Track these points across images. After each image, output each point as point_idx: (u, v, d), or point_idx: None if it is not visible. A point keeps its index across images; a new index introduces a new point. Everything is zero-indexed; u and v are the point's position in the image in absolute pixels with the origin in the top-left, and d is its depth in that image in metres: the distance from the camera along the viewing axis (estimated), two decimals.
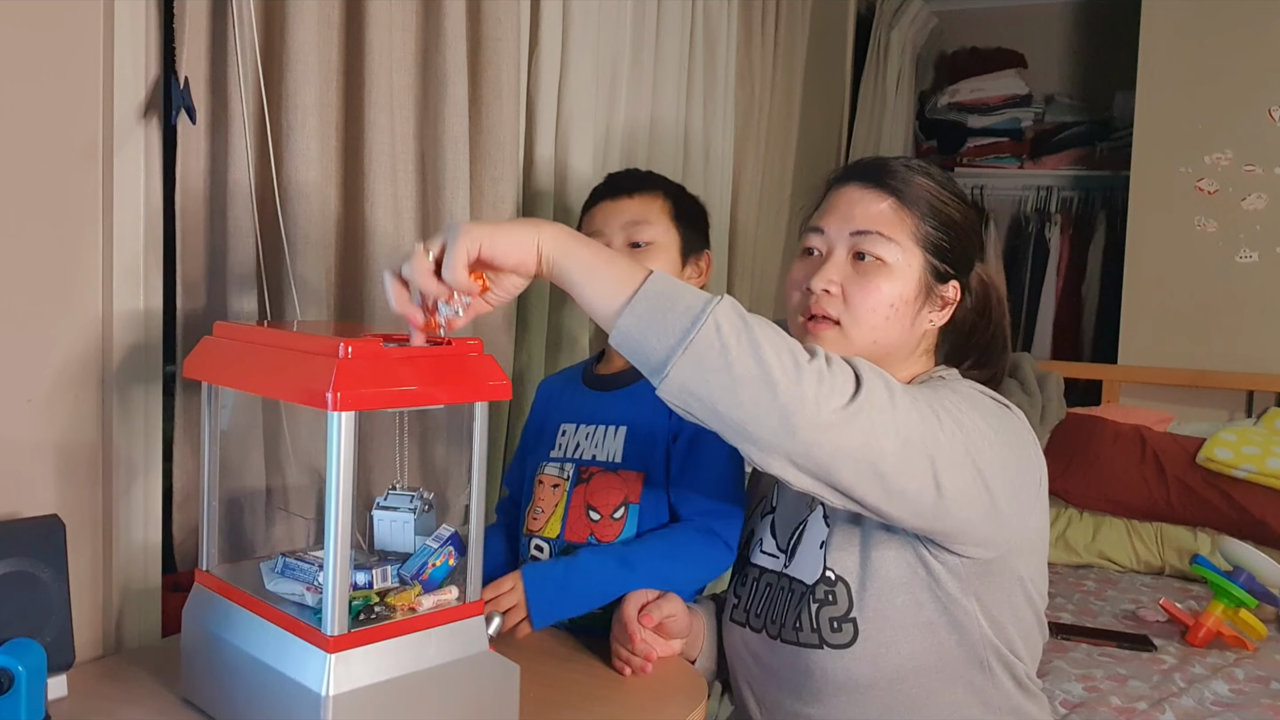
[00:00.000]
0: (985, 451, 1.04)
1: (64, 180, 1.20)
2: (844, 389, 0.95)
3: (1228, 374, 3.15)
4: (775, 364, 0.92)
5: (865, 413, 0.95)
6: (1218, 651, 2.16)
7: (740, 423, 0.94)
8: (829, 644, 1.14)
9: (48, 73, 1.17)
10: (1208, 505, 2.71)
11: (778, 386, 0.92)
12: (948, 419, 1.02)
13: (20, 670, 0.97)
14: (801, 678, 1.17)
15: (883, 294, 1.16)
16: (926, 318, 1.20)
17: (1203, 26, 3.18)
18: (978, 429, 1.05)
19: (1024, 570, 1.15)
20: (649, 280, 0.96)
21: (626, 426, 1.40)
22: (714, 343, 0.92)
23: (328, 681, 0.92)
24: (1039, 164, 3.85)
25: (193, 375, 1.10)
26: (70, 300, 1.21)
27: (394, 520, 1.11)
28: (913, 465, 0.98)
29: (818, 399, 0.93)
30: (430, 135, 1.59)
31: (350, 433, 0.92)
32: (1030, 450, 1.13)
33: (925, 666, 1.13)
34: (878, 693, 1.14)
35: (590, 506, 1.38)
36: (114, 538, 1.26)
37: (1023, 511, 1.11)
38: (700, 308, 0.94)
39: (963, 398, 1.09)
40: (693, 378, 0.93)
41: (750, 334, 0.93)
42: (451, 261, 0.94)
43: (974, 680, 1.14)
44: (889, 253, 1.16)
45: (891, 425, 0.96)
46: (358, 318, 1.50)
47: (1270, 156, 3.11)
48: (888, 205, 1.18)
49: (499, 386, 1.03)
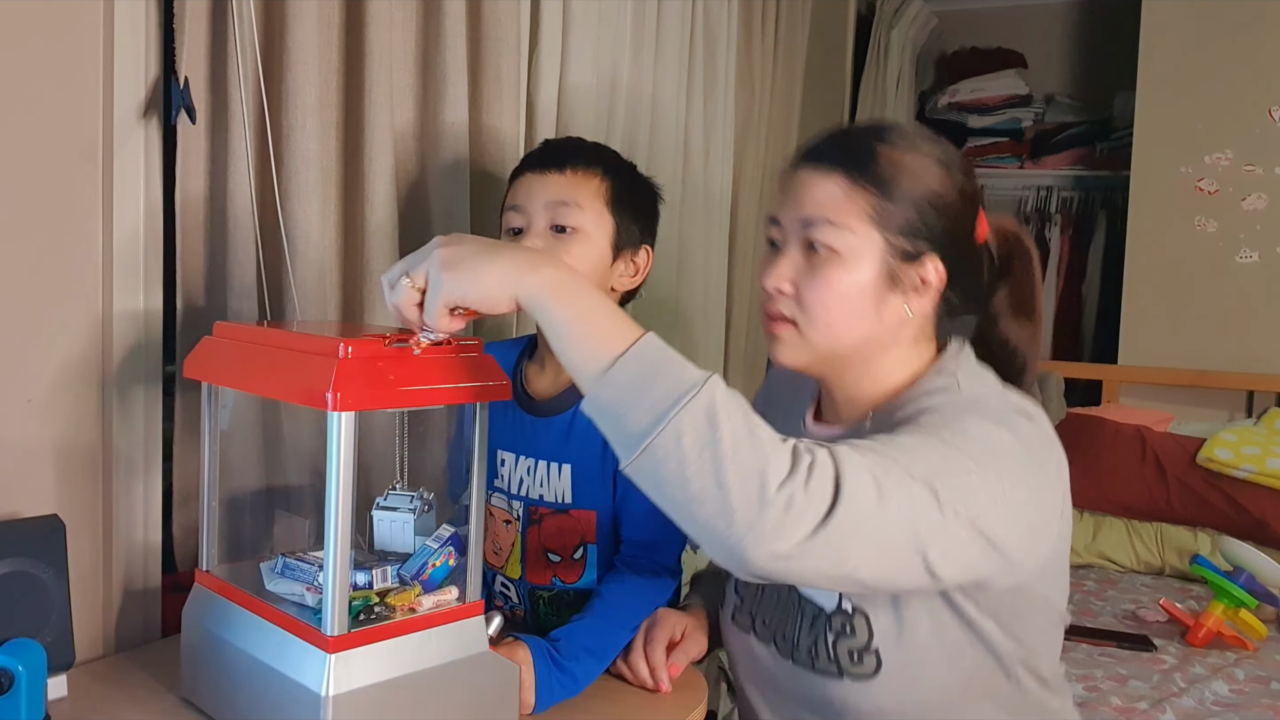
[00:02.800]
0: (996, 512, 0.93)
1: (64, 180, 1.20)
2: (817, 508, 0.83)
3: (1228, 374, 3.15)
4: (736, 488, 0.81)
5: (838, 534, 0.83)
6: (1218, 652, 2.16)
7: (695, 536, 0.85)
8: (850, 674, 1.06)
9: (48, 73, 1.17)
10: (1208, 505, 2.71)
11: (734, 515, 0.81)
12: (950, 495, 0.89)
13: (20, 670, 0.97)
14: (821, 703, 1.10)
15: (835, 288, 1.03)
16: (898, 307, 1.05)
17: (1203, 26, 3.17)
18: (988, 490, 0.92)
19: (1045, 586, 1.07)
20: (620, 362, 0.85)
21: (570, 465, 1.31)
22: (672, 454, 0.82)
23: (328, 682, 0.92)
24: (1039, 164, 3.85)
25: (193, 375, 1.10)
26: (70, 300, 1.21)
27: (394, 520, 1.11)
28: (897, 567, 0.89)
29: (779, 530, 0.81)
30: (430, 135, 1.59)
31: (350, 433, 0.92)
32: (1050, 470, 1.01)
33: (952, 689, 1.06)
34: (904, 717, 1.07)
35: (547, 549, 1.32)
36: (114, 538, 1.26)
37: (1042, 543, 1.01)
38: (666, 407, 0.82)
39: (972, 442, 0.94)
40: (649, 483, 0.85)
41: (716, 448, 0.81)
42: (432, 311, 0.92)
43: (1000, 691, 1.08)
44: (840, 241, 1.03)
45: (872, 536, 0.85)
46: (358, 318, 1.50)
47: (1270, 156, 3.11)
48: (837, 186, 1.04)
49: (499, 386, 1.03)
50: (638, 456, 0.83)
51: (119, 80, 1.22)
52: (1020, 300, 1.15)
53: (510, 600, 1.38)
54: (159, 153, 1.28)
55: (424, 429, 1.50)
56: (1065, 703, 1.17)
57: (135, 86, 1.24)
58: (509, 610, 1.39)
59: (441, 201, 1.60)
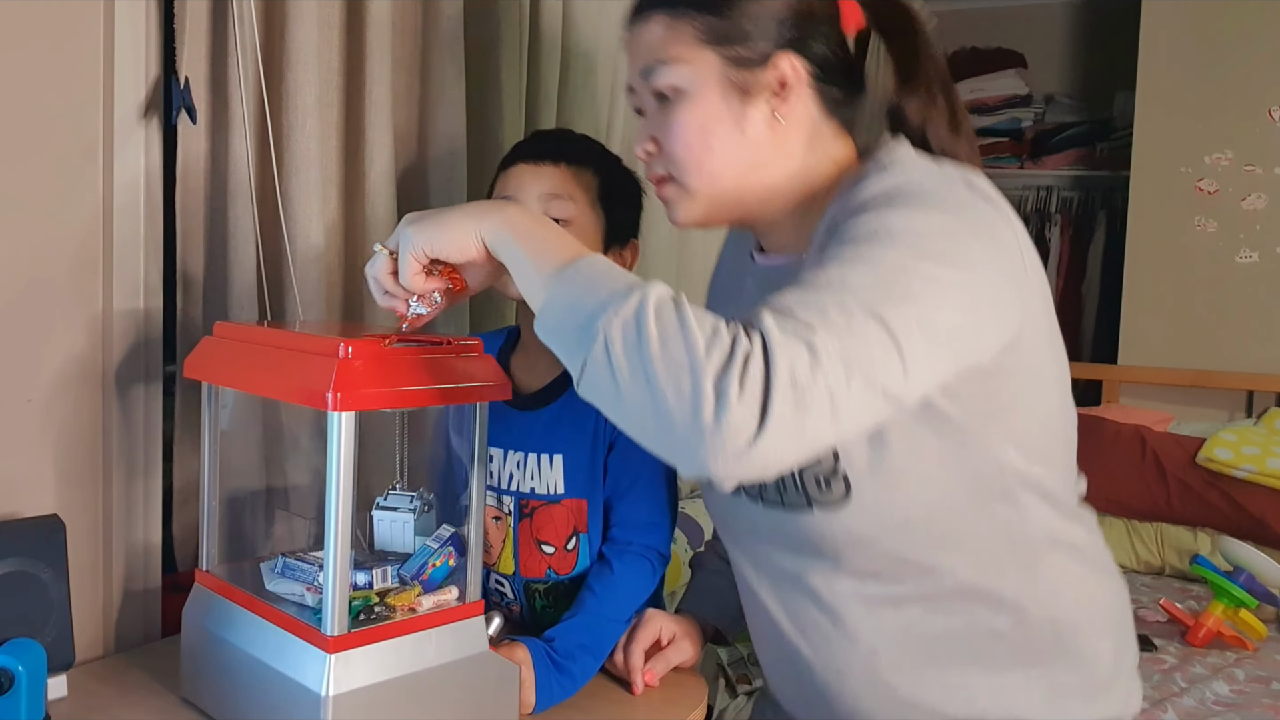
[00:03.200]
0: (950, 304, 0.84)
1: (64, 180, 1.20)
2: (755, 393, 0.74)
3: (1228, 374, 3.15)
4: (669, 389, 0.75)
5: (784, 419, 0.75)
6: (1218, 652, 2.16)
7: (654, 450, 0.80)
8: (819, 504, 0.97)
9: (49, 73, 1.17)
10: (1208, 505, 2.71)
11: (673, 420, 0.75)
12: (896, 312, 0.80)
13: (20, 670, 0.97)
14: (797, 541, 1.02)
15: (686, 126, 0.97)
16: (765, 117, 0.97)
17: (1203, 26, 3.17)
18: (936, 282, 0.83)
19: (1032, 357, 0.95)
20: (558, 288, 0.83)
21: (562, 455, 1.31)
22: (604, 367, 0.78)
23: (328, 682, 0.92)
24: (1039, 164, 3.84)
25: (193, 375, 1.10)
26: (70, 300, 1.21)
27: (394, 520, 1.11)
28: (862, 413, 0.80)
29: (723, 425, 0.74)
30: (430, 136, 1.59)
31: (350, 433, 0.92)
32: (1002, 243, 0.90)
33: (936, 511, 0.96)
34: (885, 544, 0.98)
35: (540, 542, 1.32)
36: (114, 538, 1.26)
37: (1010, 311, 0.91)
38: (596, 318, 0.79)
39: (907, 236, 0.85)
40: (600, 403, 0.81)
41: (644, 349, 0.76)
42: (404, 269, 0.93)
43: (996, 513, 0.97)
44: (677, 76, 0.97)
45: (822, 399, 0.76)
46: (358, 318, 1.50)
47: (1270, 156, 3.11)
48: (660, 25, 0.98)
49: (499, 386, 1.03)
50: (581, 375, 0.80)
51: (119, 80, 1.22)
52: (908, 70, 1.05)
53: (506, 597, 1.38)
54: (159, 153, 1.28)
55: (424, 429, 1.51)
56: (1084, 532, 1.04)
57: (135, 86, 1.24)
58: (505, 608, 1.39)
59: (441, 202, 1.60)
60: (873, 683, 1.02)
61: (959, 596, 0.99)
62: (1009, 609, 0.99)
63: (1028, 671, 1.00)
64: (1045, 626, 1.00)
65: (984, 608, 0.99)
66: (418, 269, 0.93)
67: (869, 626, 1.01)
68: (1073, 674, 1.02)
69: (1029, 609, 0.99)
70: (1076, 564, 1.03)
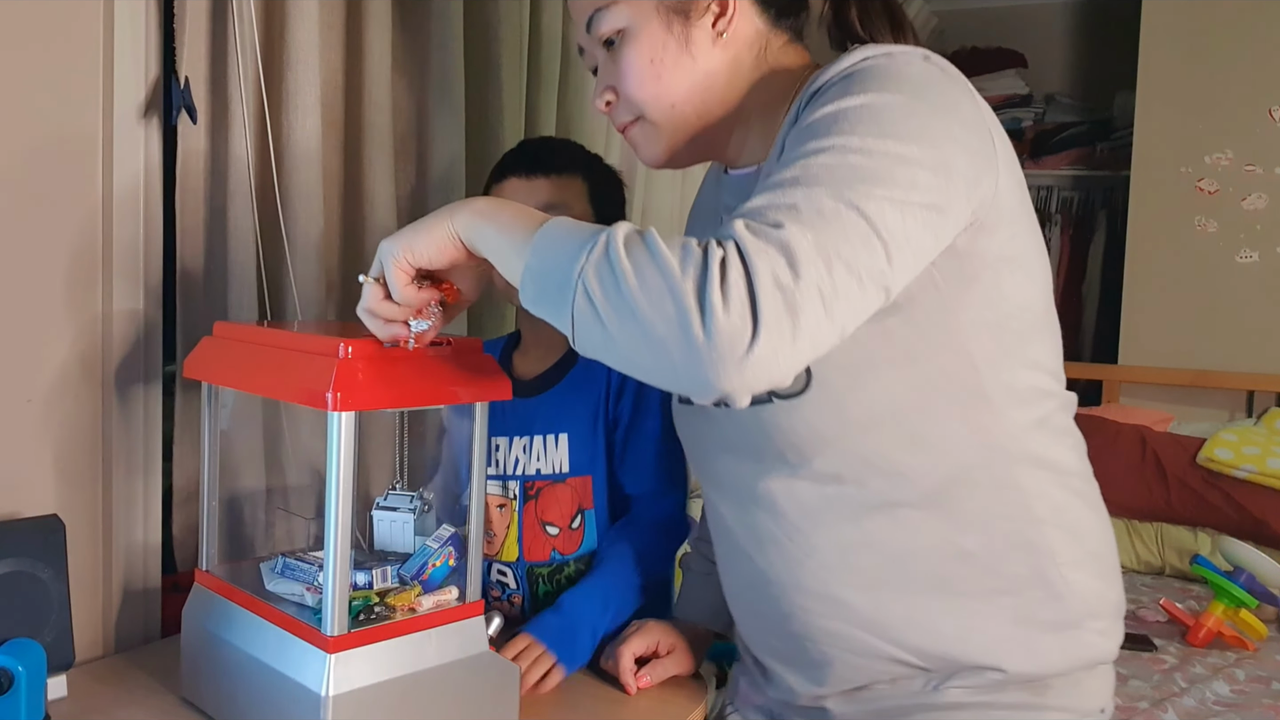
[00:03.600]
0: (921, 192, 0.81)
1: (64, 180, 1.20)
2: (743, 300, 0.73)
3: (1228, 374, 3.15)
4: (655, 317, 0.74)
5: (777, 321, 0.73)
6: (1218, 652, 2.16)
7: (660, 384, 0.79)
8: (778, 394, 0.93)
9: (48, 73, 1.17)
10: (1208, 505, 2.71)
11: (666, 346, 0.74)
12: (868, 198, 0.78)
13: (20, 670, 0.97)
14: (759, 441, 0.97)
15: (633, 64, 0.97)
16: (707, 39, 0.97)
17: (1203, 26, 3.17)
18: (907, 177, 0.81)
19: (1011, 243, 0.91)
20: (531, 255, 0.83)
21: (567, 434, 1.34)
22: (590, 315, 0.77)
23: (328, 682, 0.92)
24: (1039, 164, 3.85)
25: (193, 375, 1.10)
26: (70, 300, 1.21)
27: (394, 520, 1.11)
28: (857, 304, 0.78)
29: (717, 339, 0.73)
30: (429, 136, 1.59)
31: (350, 433, 0.92)
32: (967, 118, 0.88)
33: (902, 407, 0.92)
34: (847, 442, 0.93)
35: (545, 523, 1.34)
36: (114, 538, 1.26)
37: (986, 175, 0.88)
38: (571, 271, 0.79)
39: (869, 132, 0.82)
40: (599, 354, 0.80)
41: (621, 286, 0.75)
42: (394, 284, 0.92)
43: (970, 418, 0.93)
44: (617, 19, 0.98)
45: (812, 295, 0.74)
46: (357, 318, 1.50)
47: (1270, 156, 3.11)
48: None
49: (499, 386, 1.03)
50: (572, 331, 0.80)
51: (119, 80, 1.22)
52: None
53: (508, 588, 1.38)
54: (159, 153, 1.28)
55: (424, 429, 1.51)
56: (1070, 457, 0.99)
57: (135, 86, 1.24)
58: (506, 600, 1.40)
59: (440, 202, 1.60)
60: (829, 599, 0.97)
61: (926, 507, 0.94)
62: (978, 527, 0.94)
63: (997, 600, 0.95)
64: (1017, 550, 0.95)
65: (952, 524, 0.94)
66: (406, 280, 0.92)
67: (828, 540, 0.96)
68: (1046, 607, 0.96)
69: (999, 528, 0.94)
70: (1056, 488, 0.97)
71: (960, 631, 0.96)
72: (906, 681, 0.99)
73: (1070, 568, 0.96)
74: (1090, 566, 0.98)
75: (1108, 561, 1.01)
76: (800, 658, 1.03)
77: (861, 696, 1.02)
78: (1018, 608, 0.95)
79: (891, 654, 0.97)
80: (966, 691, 0.97)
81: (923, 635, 0.96)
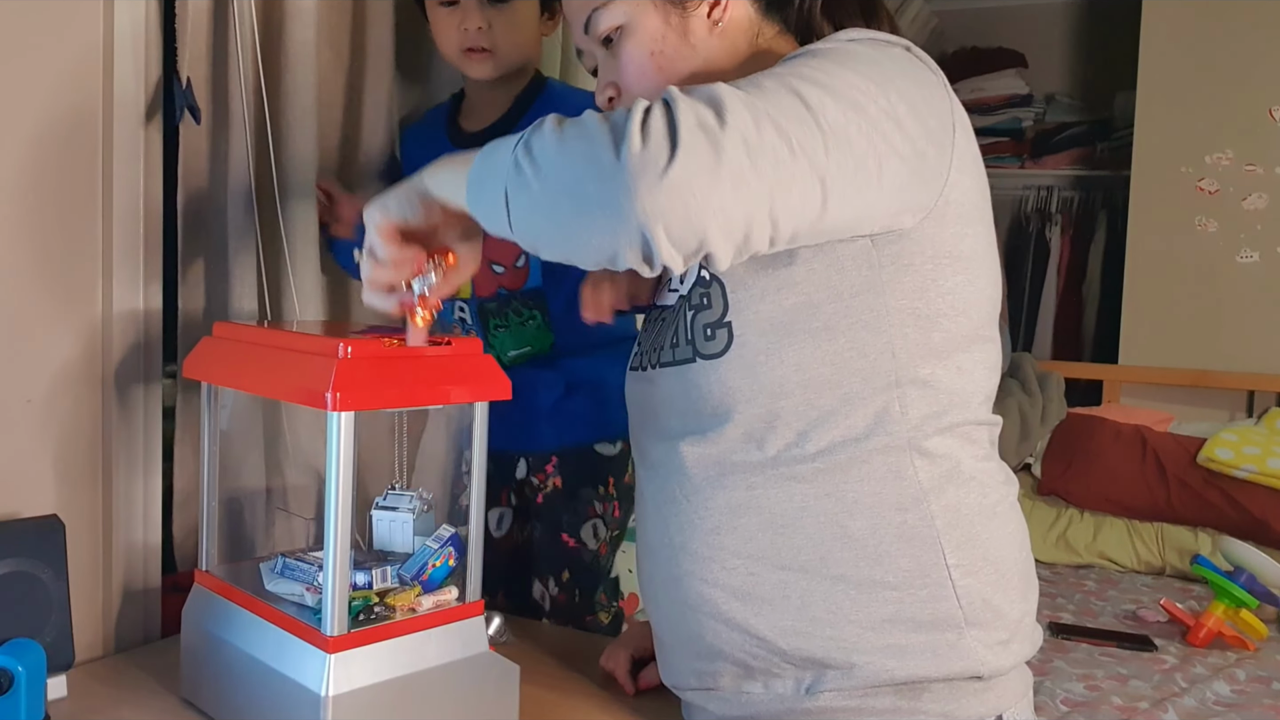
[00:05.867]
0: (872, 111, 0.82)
1: (65, 180, 1.20)
2: (659, 133, 0.75)
3: (1228, 374, 3.15)
4: (576, 159, 0.78)
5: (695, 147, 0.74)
6: (1219, 652, 2.16)
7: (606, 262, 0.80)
8: (702, 355, 0.95)
9: (48, 73, 1.17)
10: (1208, 505, 2.71)
11: (584, 190, 0.77)
12: (813, 94, 0.80)
13: (20, 670, 0.97)
14: (682, 401, 0.99)
15: (635, 58, 0.99)
16: (703, 26, 0.99)
17: (1203, 26, 3.18)
18: (852, 94, 0.82)
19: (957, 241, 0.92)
20: (474, 166, 0.87)
21: None
22: (517, 183, 0.82)
23: (327, 682, 0.92)
24: (1039, 164, 3.85)
25: (193, 375, 1.10)
26: (70, 300, 1.21)
27: (394, 520, 1.10)
28: (784, 167, 0.78)
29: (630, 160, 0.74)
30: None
31: (350, 433, 0.92)
32: (934, 99, 0.89)
33: (814, 379, 0.92)
34: (756, 408, 0.93)
35: (492, 262, 1.40)
36: (114, 538, 1.26)
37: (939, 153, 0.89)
38: (507, 157, 0.83)
39: (825, 59, 0.85)
40: (547, 252, 0.84)
41: (546, 143, 0.80)
42: (377, 246, 0.94)
43: (878, 402, 0.92)
44: (615, 16, 0.99)
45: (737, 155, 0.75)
46: (356, 318, 1.50)
47: (1271, 156, 3.11)
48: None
49: (499, 386, 1.03)
50: (507, 210, 0.83)
51: (119, 81, 1.22)
52: None
53: (466, 323, 1.45)
54: (159, 153, 1.28)
55: (424, 429, 1.51)
56: (981, 467, 0.97)
57: (136, 87, 1.24)
58: (465, 334, 1.46)
59: None
60: (710, 562, 0.96)
61: (817, 482, 0.92)
62: (867, 512, 0.92)
63: (876, 591, 0.92)
64: (905, 543, 0.92)
65: (839, 504, 0.92)
66: (389, 236, 0.94)
67: (721, 501, 0.95)
68: (925, 607, 0.92)
69: (889, 518, 0.92)
70: (960, 490, 0.94)
71: (830, 616, 0.93)
72: (778, 682, 0.97)
73: (962, 572, 0.93)
74: (986, 576, 0.94)
75: (1012, 579, 0.96)
76: (681, 628, 1.01)
77: (739, 702, 1.00)
78: (896, 602, 0.92)
79: (758, 631, 0.95)
80: (838, 695, 0.94)
81: (793, 614, 0.94)
